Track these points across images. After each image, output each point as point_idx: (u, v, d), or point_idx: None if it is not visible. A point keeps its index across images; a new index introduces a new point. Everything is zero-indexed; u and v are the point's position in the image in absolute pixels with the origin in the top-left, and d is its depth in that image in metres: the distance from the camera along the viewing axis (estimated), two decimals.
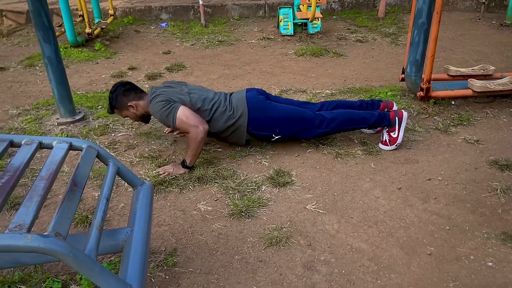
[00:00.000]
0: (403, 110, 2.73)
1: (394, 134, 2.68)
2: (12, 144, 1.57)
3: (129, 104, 2.61)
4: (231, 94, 2.71)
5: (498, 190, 2.29)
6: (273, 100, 2.76)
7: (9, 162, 2.00)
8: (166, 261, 1.86)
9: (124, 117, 2.76)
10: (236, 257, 1.90)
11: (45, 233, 1.11)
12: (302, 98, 3.51)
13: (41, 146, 1.59)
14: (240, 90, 2.75)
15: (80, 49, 4.87)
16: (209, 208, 2.22)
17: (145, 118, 2.72)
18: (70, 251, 1.10)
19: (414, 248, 1.92)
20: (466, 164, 2.56)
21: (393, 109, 2.86)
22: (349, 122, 2.69)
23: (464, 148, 2.74)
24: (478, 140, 2.81)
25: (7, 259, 1.51)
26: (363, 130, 2.94)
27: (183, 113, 2.46)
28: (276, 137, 2.67)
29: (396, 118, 2.67)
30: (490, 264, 1.83)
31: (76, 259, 1.12)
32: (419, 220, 2.10)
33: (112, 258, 1.88)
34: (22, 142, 1.56)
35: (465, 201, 2.23)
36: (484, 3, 5.83)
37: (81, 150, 1.60)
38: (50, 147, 1.59)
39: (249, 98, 2.63)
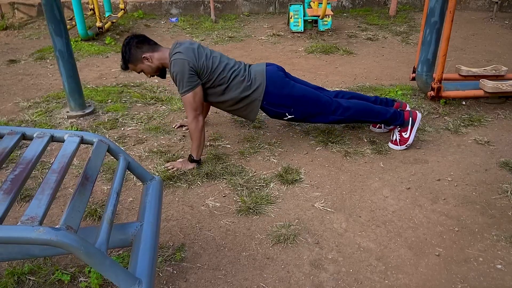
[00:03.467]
0: (417, 111, 2.70)
1: (405, 134, 2.66)
2: (24, 137, 1.58)
3: (143, 56, 2.47)
4: (250, 65, 2.65)
5: (509, 192, 2.27)
6: (292, 79, 2.69)
7: (21, 154, 2.01)
8: (174, 256, 1.87)
9: (139, 72, 2.59)
10: (244, 253, 1.90)
11: (57, 226, 1.11)
12: None
13: (52, 139, 1.60)
14: (260, 63, 2.67)
15: (90, 43, 4.89)
16: (217, 204, 2.23)
17: (161, 71, 2.57)
18: (81, 244, 1.11)
19: (423, 248, 1.91)
20: (476, 165, 2.54)
21: (407, 109, 2.83)
22: (364, 113, 2.65)
23: (474, 149, 2.72)
24: (488, 141, 2.78)
25: (18, 251, 1.52)
26: (372, 128, 2.92)
27: (196, 94, 2.40)
28: (289, 116, 2.62)
29: (410, 118, 2.65)
30: (499, 266, 1.82)
31: (87, 252, 1.13)
32: (428, 221, 2.09)
33: (121, 252, 1.89)
34: (34, 135, 1.58)
35: (475, 203, 2.21)
36: (497, 2, 5.76)
37: (92, 144, 1.61)
38: (61, 140, 1.60)
39: (269, 72, 2.57)
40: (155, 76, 2.62)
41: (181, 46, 2.47)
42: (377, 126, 2.90)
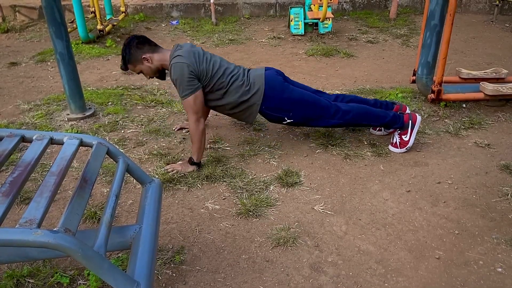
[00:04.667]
0: (417, 114, 2.70)
1: (405, 137, 2.66)
2: (23, 139, 1.58)
3: (143, 56, 2.48)
4: (249, 70, 2.65)
5: (509, 195, 2.27)
6: (290, 83, 2.69)
7: (20, 157, 2.01)
8: (173, 259, 1.87)
9: (138, 73, 2.60)
10: (243, 256, 1.90)
11: (55, 229, 1.11)
12: None
13: (52, 141, 1.60)
14: (259, 67, 2.68)
15: (91, 46, 4.90)
16: (217, 206, 2.22)
17: (160, 73, 2.58)
18: (79, 247, 1.11)
19: (423, 251, 1.91)
20: (476, 168, 2.53)
21: (406, 112, 2.82)
22: (363, 117, 2.64)
23: (474, 152, 2.71)
24: (489, 144, 2.78)
25: (16, 253, 1.52)
26: (372, 131, 2.92)
27: (197, 98, 2.41)
28: (288, 121, 2.62)
29: (410, 121, 2.65)
30: (500, 269, 1.81)
31: (85, 255, 1.12)
32: (428, 224, 2.08)
33: (120, 255, 1.89)
34: (34, 138, 1.58)
35: (475, 206, 2.21)
36: (497, 5, 5.76)
37: (91, 147, 1.61)
38: (61, 143, 1.60)
39: (268, 76, 2.57)
40: (155, 78, 2.62)
41: (182, 49, 2.47)
42: (377, 129, 2.90)
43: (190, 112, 2.42)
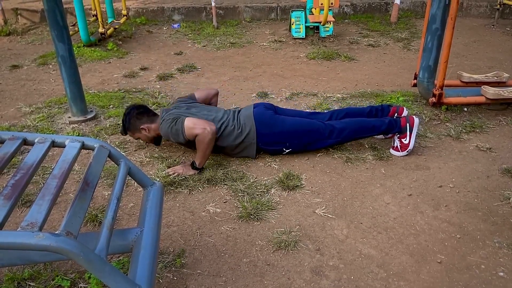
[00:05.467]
0: (414, 116, 2.71)
1: (405, 140, 2.66)
2: (25, 142, 1.58)
3: (141, 127, 2.65)
4: (239, 111, 2.72)
5: (511, 199, 2.26)
6: (282, 113, 2.75)
7: (22, 160, 2.01)
8: (174, 262, 1.87)
9: (136, 139, 2.80)
10: (244, 260, 1.89)
11: (57, 232, 1.11)
12: (313, 101, 3.50)
13: (53, 144, 1.60)
14: (248, 106, 2.76)
15: (93, 49, 4.91)
16: (218, 210, 2.22)
17: (156, 140, 2.76)
18: (80, 250, 1.11)
19: (424, 255, 1.90)
20: (478, 172, 2.53)
21: (404, 114, 2.83)
22: (359, 131, 2.68)
23: (476, 155, 2.71)
24: (490, 148, 2.78)
25: (18, 256, 1.52)
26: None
27: (190, 122, 2.49)
28: (287, 150, 2.67)
29: (407, 124, 2.65)
30: (501, 274, 1.80)
31: (87, 258, 1.12)
32: (430, 228, 2.08)
33: (121, 258, 1.88)
34: (35, 141, 1.58)
35: (477, 210, 2.20)
36: (498, 9, 5.77)
37: (93, 150, 1.61)
38: (62, 145, 1.60)
39: (257, 115, 2.64)
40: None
41: (167, 113, 2.63)
42: None
43: (196, 130, 2.46)
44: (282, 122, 2.65)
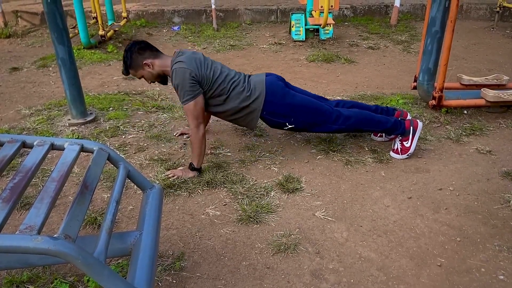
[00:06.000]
0: (418, 120, 2.70)
1: (407, 143, 2.65)
2: (24, 145, 1.58)
3: (144, 62, 2.49)
4: (249, 75, 2.66)
5: (511, 202, 2.26)
6: (292, 89, 2.69)
7: (21, 162, 2.01)
8: (174, 265, 1.86)
9: (140, 78, 2.60)
10: (244, 263, 1.89)
11: (55, 235, 1.11)
12: None
13: (52, 147, 1.60)
14: (260, 73, 2.68)
15: (93, 51, 4.91)
16: (217, 212, 2.22)
17: (162, 78, 2.59)
18: (79, 253, 1.10)
19: (424, 259, 1.90)
20: (478, 174, 2.52)
21: (408, 118, 2.83)
22: (365, 122, 2.65)
23: (476, 158, 2.71)
24: (490, 151, 2.77)
25: (16, 259, 1.52)
26: (373, 137, 2.92)
27: (198, 103, 2.41)
28: (289, 126, 2.62)
29: (411, 127, 2.64)
30: (502, 277, 1.80)
31: (85, 262, 1.12)
32: (430, 231, 2.07)
33: (120, 261, 1.88)
34: (34, 143, 1.58)
35: (477, 212, 2.20)
36: (498, 12, 5.78)
37: (92, 152, 1.61)
38: (61, 148, 1.60)
39: (268, 82, 2.57)
40: (157, 83, 2.64)
41: (183, 55, 2.48)
42: (378, 135, 2.89)
43: (191, 118, 2.42)
44: (292, 96, 2.59)
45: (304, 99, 2.62)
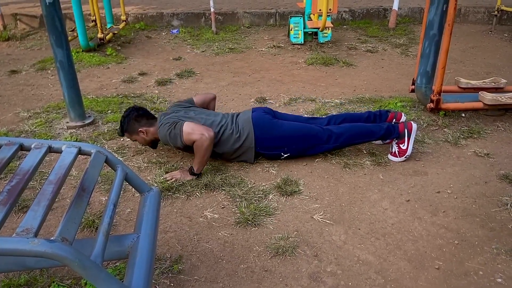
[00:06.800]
0: (412, 122, 2.71)
1: (403, 145, 2.66)
2: (22, 147, 1.58)
3: (139, 129, 2.65)
4: (238, 115, 2.72)
5: (508, 205, 2.26)
6: (280, 118, 2.75)
7: (18, 165, 2.01)
8: (171, 268, 1.86)
9: (133, 141, 2.79)
10: (242, 266, 1.88)
11: (52, 238, 1.11)
12: (311, 107, 3.50)
13: (50, 150, 1.60)
14: (246, 110, 2.76)
15: (91, 54, 4.91)
16: (215, 215, 2.21)
17: (153, 143, 2.75)
18: (76, 256, 1.10)
19: (422, 262, 1.90)
20: (476, 177, 2.53)
21: (402, 120, 2.84)
22: (357, 136, 2.69)
23: (474, 161, 2.71)
24: (488, 154, 2.78)
25: (13, 262, 1.51)
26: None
27: (188, 127, 2.47)
28: (284, 155, 2.67)
29: (406, 130, 2.65)
30: (500, 280, 1.80)
31: (82, 265, 1.11)
32: (428, 234, 2.07)
33: (117, 264, 1.87)
34: (32, 146, 1.57)
35: (475, 215, 2.20)
36: (496, 15, 5.80)
37: (90, 155, 1.61)
38: (59, 151, 1.60)
39: (255, 119, 2.64)
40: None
41: (165, 117, 2.61)
42: None
43: (193, 136, 2.44)
44: (280, 127, 2.65)
45: (292, 126, 2.67)
